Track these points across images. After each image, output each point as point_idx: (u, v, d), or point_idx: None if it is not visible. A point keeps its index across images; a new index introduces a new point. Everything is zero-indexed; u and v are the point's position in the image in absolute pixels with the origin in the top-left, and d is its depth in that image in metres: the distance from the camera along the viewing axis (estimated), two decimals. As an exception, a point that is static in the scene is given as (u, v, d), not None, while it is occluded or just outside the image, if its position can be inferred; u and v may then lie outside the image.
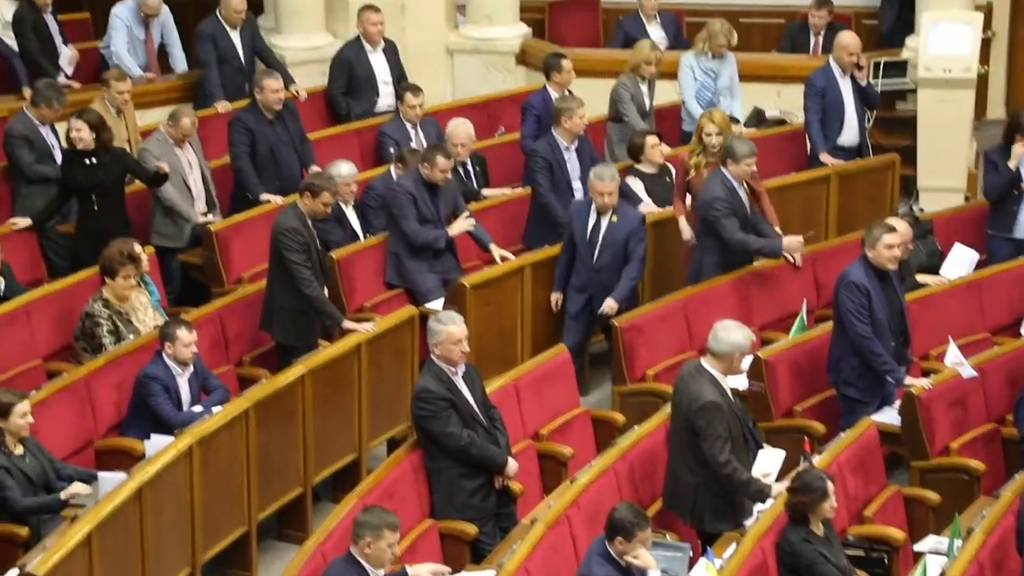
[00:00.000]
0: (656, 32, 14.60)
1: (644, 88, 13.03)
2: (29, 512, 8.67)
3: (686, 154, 11.69)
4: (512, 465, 8.96)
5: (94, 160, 11.34)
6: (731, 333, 8.71)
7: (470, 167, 12.43)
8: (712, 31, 13.25)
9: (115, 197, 11.49)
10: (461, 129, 12.24)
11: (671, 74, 13.37)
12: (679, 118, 13.40)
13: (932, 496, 9.42)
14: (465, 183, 12.21)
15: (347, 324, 10.37)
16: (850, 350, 9.83)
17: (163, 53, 14.29)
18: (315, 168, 12.22)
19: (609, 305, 10.86)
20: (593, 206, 10.92)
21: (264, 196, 12.00)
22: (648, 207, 11.83)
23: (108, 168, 11.39)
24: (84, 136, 11.31)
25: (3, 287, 10.56)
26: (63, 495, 8.62)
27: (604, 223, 10.89)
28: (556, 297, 11.20)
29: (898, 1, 15.07)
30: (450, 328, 8.83)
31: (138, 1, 13.99)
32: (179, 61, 14.13)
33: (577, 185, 11.69)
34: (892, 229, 9.94)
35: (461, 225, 11.30)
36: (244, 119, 12.24)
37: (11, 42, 13.95)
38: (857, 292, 9.77)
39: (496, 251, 11.40)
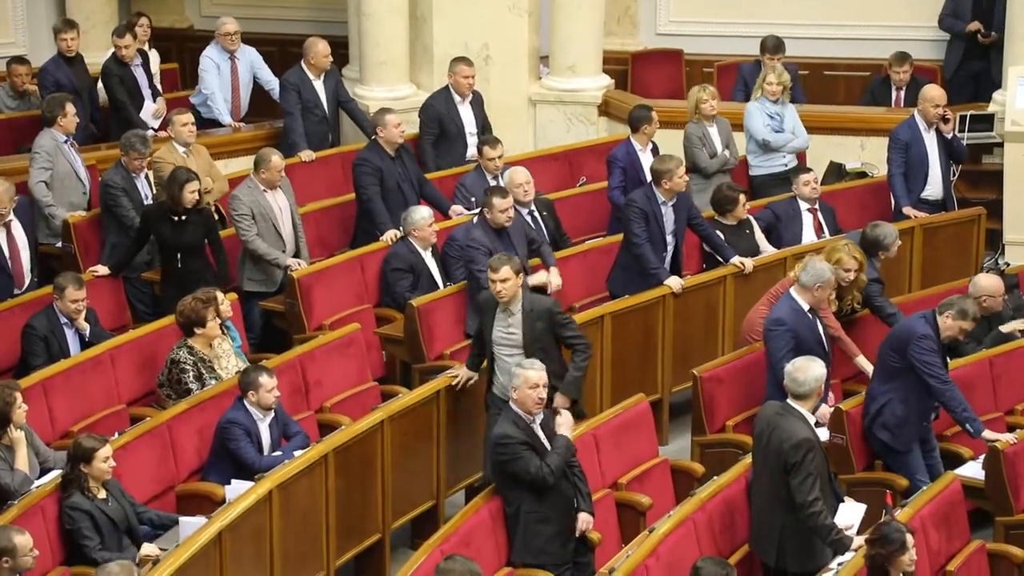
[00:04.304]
0: None
1: (712, 131, 13.04)
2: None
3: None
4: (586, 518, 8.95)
5: (183, 218, 11.45)
6: (809, 370, 8.78)
7: (536, 214, 12.26)
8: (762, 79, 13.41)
9: (199, 255, 11.57)
10: (517, 174, 12.10)
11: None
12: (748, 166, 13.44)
13: (1017, 552, 9.28)
14: (533, 230, 12.20)
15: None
16: (900, 396, 9.72)
17: (264, 95, 14.48)
18: (456, 208, 12.54)
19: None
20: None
21: (388, 235, 12.05)
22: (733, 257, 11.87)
23: (196, 228, 11.49)
24: (194, 192, 11.45)
25: (88, 333, 10.69)
26: (138, 557, 8.64)
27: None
28: None
29: (962, 48, 14.98)
30: (528, 373, 8.86)
31: (217, 38, 14.18)
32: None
33: (670, 239, 11.58)
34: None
35: (540, 278, 11.19)
36: (369, 158, 12.34)
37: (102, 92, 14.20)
38: (930, 343, 9.69)
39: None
